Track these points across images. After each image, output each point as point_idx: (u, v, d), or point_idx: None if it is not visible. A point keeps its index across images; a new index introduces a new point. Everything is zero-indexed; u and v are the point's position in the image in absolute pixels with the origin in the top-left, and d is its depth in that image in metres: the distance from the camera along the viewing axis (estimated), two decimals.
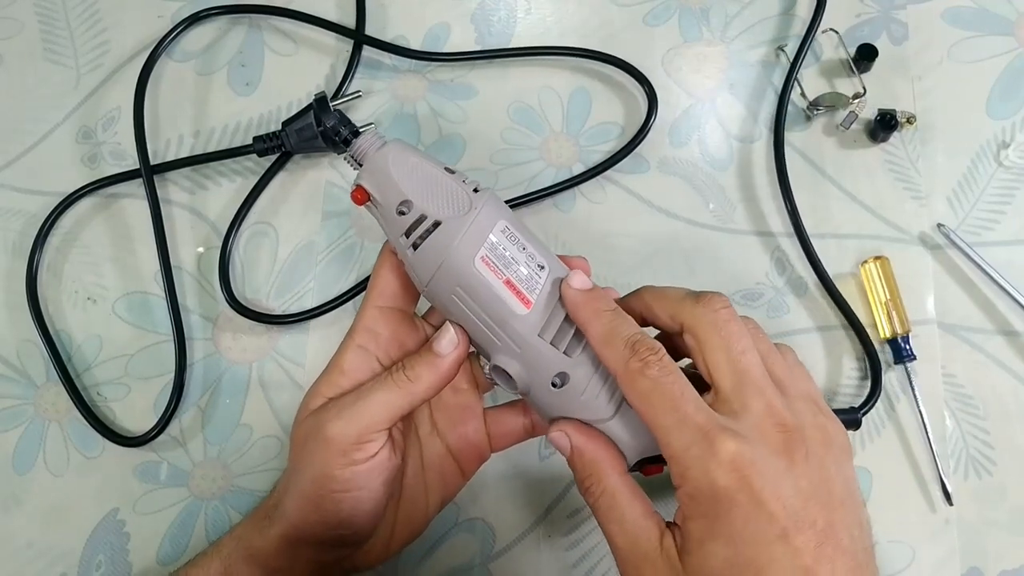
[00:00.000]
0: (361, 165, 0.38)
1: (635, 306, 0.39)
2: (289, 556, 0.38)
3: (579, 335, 0.37)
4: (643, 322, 0.38)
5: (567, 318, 0.37)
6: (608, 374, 0.36)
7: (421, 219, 0.36)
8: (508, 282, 0.36)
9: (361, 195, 0.37)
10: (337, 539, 0.38)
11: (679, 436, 0.33)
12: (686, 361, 0.37)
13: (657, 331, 0.39)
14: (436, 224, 0.36)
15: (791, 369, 0.37)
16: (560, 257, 0.40)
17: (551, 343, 0.36)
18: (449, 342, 0.37)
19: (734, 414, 0.33)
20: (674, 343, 0.38)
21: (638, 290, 0.39)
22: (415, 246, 0.36)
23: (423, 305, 0.41)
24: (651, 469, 0.38)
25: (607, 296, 0.37)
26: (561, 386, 0.36)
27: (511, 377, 0.37)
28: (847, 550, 0.32)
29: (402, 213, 0.36)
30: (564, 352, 0.36)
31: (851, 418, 0.47)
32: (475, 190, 0.37)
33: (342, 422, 0.36)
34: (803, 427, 0.34)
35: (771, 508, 0.31)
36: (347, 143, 0.39)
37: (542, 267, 0.37)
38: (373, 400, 0.37)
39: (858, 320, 0.50)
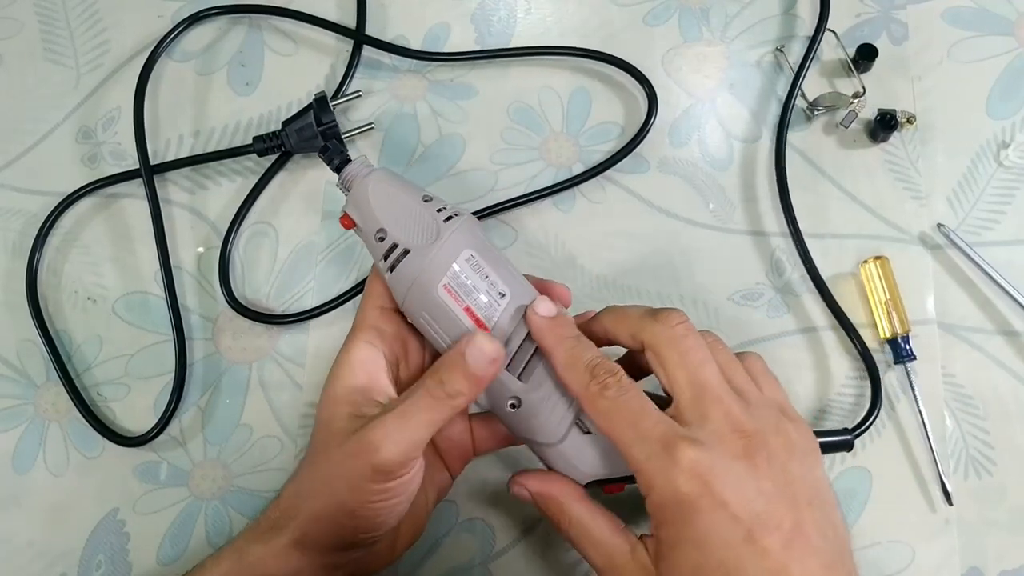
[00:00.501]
0: (348, 192, 0.41)
1: (596, 329, 0.40)
2: (296, 564, 0.38)
3: (534, 362, 0.39)
4: (607, 342, 0.40)
5: (523, 345, 0.39)
6: (560, 399, 0.38)
7: (394, 246, 0.39)
8: (468, 309, 0.38)
9: (348, 221, 0.41)
10: (363, 541, 0.38)
11: (640, 449, 0.34)
12: (652, 380, 0.39)
13: (624, 350, 0.41)
14: (406, 252, 0.39)
15: (756, 377, 0.38)
16: (541, 282, 0.42)
17: (507, 368, 0.38)
18: (490, 362, 0.36)
19: (694, 424, 0.35)
20: (637, 361, 0.39)
21: (600, 311, 0.41)
22: (391, 269, 0.39)
23: None
24: (612, 488, 0.40)
25: (570, 322, 0.39)
26: (517, 408, 0.38)
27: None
28: (819, 549, 0.33)
29: (380, 240, 0.40)
30: (519, 377, 0.38)
31: (843, 440, 0.46)
32: (449, 218, 0.39)
33: (392, 447, 0.36)
34: (764, 432, 0.35)
35: (734, 511, 0.32)
36: (338, 171, 0.42)
37: (503, 295, 0.39)
38: (417, 421, 0.36)
39: (852, 326, 0.49)
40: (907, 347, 0.49)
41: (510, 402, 0.38)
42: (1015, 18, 0.56)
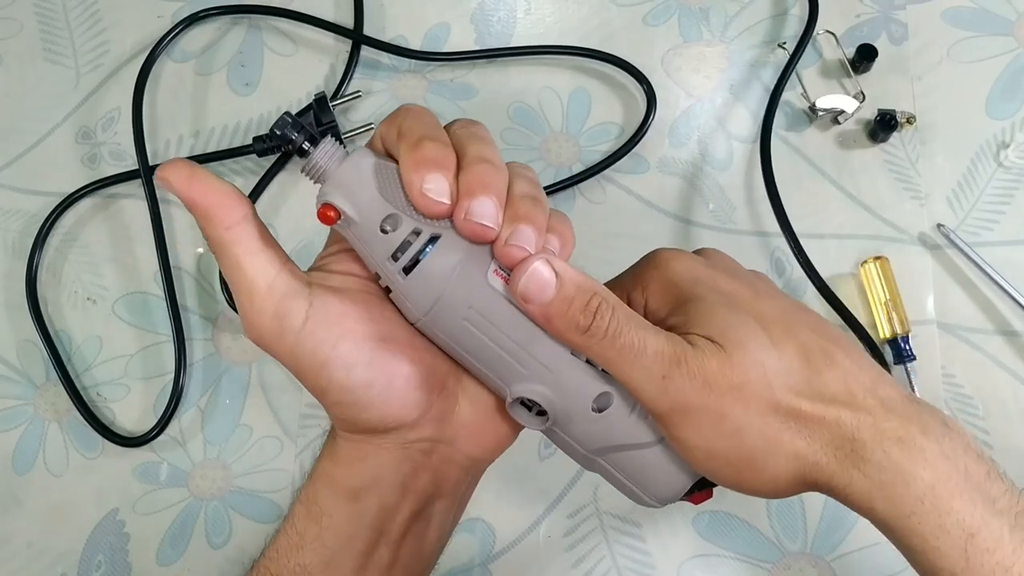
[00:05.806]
0: (324, 179, 0.31)
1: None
2: (372, 463, 0.33)
3: None
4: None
5: None
6: None
7: (414, 235, 0.30)
8: None
9: (333, 213, 0.30)
10: (358, 420, 0.33)
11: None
12: None
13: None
14: (433, 238, 0.30)
15: None
16: None
17: (587, 361, 0.31)
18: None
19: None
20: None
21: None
22: (406, 270, 0.30)
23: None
24: (699, 496, 0.34)
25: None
26: (603, 410, 0.31)
27: (543, 410, 0.31)
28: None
29: (387, 231, 0.30)
30: (603, 370, 0.31)
31: None
32: None
33: (253, 276, 0.32)
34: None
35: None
36: (302, 154, 0.31)
37: None
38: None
39: (860, 325, 0.49)
40: (907, 347, 0.49)
41: (593, 404, 0.31)
42: (1015, 18, 0.56)
